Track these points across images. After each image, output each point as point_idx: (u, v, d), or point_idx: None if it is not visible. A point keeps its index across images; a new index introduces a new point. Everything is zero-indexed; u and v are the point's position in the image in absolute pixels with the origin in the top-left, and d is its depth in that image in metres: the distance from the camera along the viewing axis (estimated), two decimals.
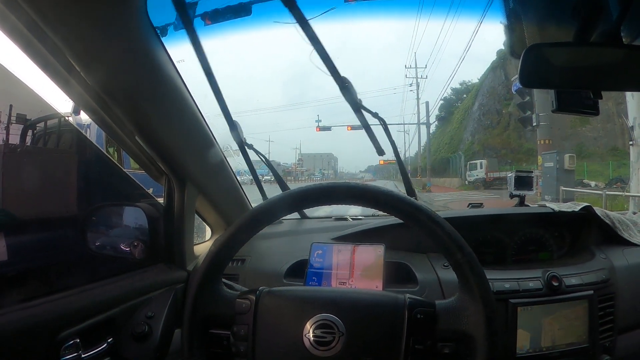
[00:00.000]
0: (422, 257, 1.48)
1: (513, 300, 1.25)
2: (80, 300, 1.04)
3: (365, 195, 0.91)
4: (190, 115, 1.23)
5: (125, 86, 1.01)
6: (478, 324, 0.85)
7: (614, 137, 26.64)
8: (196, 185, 1.38)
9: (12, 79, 1.08)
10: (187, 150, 1.30)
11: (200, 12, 1.41)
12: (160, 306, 1.22)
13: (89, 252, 1.28)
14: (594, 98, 1.06)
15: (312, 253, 1.44)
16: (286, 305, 0.94)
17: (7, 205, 1.28)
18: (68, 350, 0.96)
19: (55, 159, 1.59)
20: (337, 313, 0.89)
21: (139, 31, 0.95)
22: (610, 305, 1.36)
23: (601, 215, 1.62)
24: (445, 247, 0.89)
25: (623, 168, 18.55)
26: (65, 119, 1.49)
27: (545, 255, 1.65)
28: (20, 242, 1.28)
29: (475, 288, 0.86)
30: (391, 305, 0.91)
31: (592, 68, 0.98)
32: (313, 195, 0.94)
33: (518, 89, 14.10)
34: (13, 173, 1.34)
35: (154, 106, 1.10)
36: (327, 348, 0.87)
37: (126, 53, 0.96)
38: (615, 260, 1.48)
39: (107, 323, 1.09)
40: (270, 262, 1.54)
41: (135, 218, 1.36)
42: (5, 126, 1.35)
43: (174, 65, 1.08)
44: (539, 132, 15.25)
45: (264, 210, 0.96)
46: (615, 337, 1.36)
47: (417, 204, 0.90)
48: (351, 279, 1.38)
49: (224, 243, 0.95)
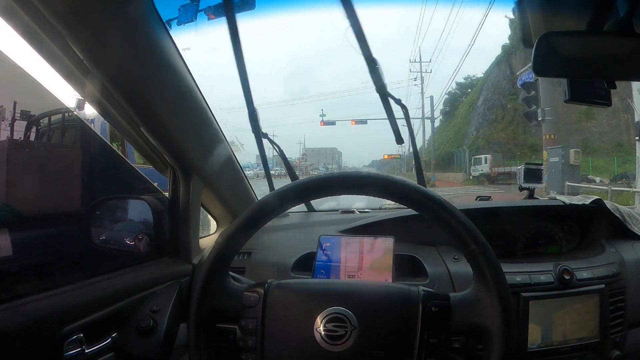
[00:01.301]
0: (432, 249, 1.47)
1: (525, 294, 1.24)
2: (83, 294, 1.03)
3: (377, 184, 0.89)
4: (196, 106, 1.22)
5: (131, 76, 1.00)
6: (494, 317, 0.83)
7: (620, 132, 26.56)
8: (202, 177, 1.37)
9: (16, 74, 1.07)
10: (193, 142, 1.29)
11: (204, 6, 1.40)
12: (165, 300, 1.21)
13: (93, 247, 1.28)
14: (608, 88, 1.04)
15: (320, 246, 1.43)
16: (296, 298, 0.93)
17: (11, 201, 1.27)
18: (71, 345, 0.95)
19: (60, 154, 1.58)
20: (349, 306, 0.87)
21: (146, 21, 0.94)
22: (621, 299, 1.35)
23: (611, 209, 1.60)
24: (460, 238, 0.86)
25: (628, 164, 18.51)
26: (69, 113, 1.48)
27: (554, 249, 1.64)
28: (25, 238, 1.27)
29: (491, 280, 0.84)
30: (405, 297, 0.89)
31: (605, 57, 0.96)
32: (322, 185, 0.92)
33: (523, 83, 14.07)
34: (17, 169, 1.33)
35: (160, 97, 1.09)
36: (339, 342, 0.84)
37: (132, 43, 0.95)
38: (626, 254, 1.47)
39: (112, 317, 1.08)
40: (277, 255, 1.52)
41: (140, 211, 1.35)
42: (10, 123, 1.34)
43: (180, 56, 1.07)
44: (544, 127, 15.21)
45: (272, 202, 0.94)
46: (625, 332, 1.34)
47: (431, 193, 0.88)
48: (360, 271, 1.36)
49: (231, 235, 0.93)
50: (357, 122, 32.07)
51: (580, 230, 1.67)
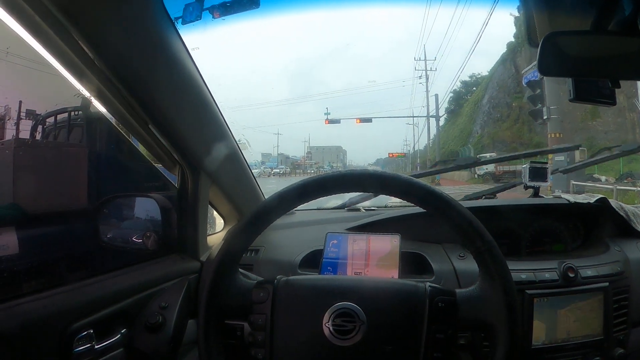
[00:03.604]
0: (438, 247, 1.47)
1: (529, 292, 1.24)
2: (93, 291, 1.04)
3: (384, 183, 0.91)
4: (204, 104, 1.22)
5: (139, 74, 1.01)
6: (499, 313, 0.84)
7: (625, 131, 26.34)
8: (209, 175, 1.38)
9: (21, 73, 1.08)
10: (201, 140, 1.30)
11: (209, 5, 1.41)
12: (173, 297, 1.23)
13: (101, 244, 1.29)
14: (612, 87, 1.05)
15: (327, 243, 1.44)
16: (305, 294, 0.94)
17: (19, 200, 1.28)
18: (81, 342, 0.96)
19: (67, 153, 1.59)
20: (357, 302, 0.89)
21: (154, 19, 0.95)
22: (625, 298, 1.35)
23: (616, 208, 1.60)
24: (466, 235, 0.88)
25: (634, 163, 18.38)
26: (76, 112, 1.49)
27: (559, 247, 1.64)
28: (33, 236, 1.28)
29: (497, 277, 0.85)
30: (412, 293, 0.91)
31: (610, 57, 0.97)
32: (330, 183, 0.94)
33: (529, 82, 13.99)
34: (24, 168, 1.34)
35: (169, 95, 1.10)
36: (348, 337, 0.86)
37: (141, 40, 0.95)
38: (630, 252, 1.47)
39: (121, 314, 1.09)
40: (284, 252, 1.53)
41: (148, 209, 1.36)
42: (15, 122, 1.35)
43: (188, 53, 1.08)
44: (550, 126, 15.12)
45: (280, 200, 0.95)
46: (628, 331, 1.35)
47: (438, 191, 0.89)
48: (367, 268, 1.37)
49: (240, 232, 0.94)
50: (361, 121, 32.03)
51: (585, 228, 1.67)
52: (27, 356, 0.88)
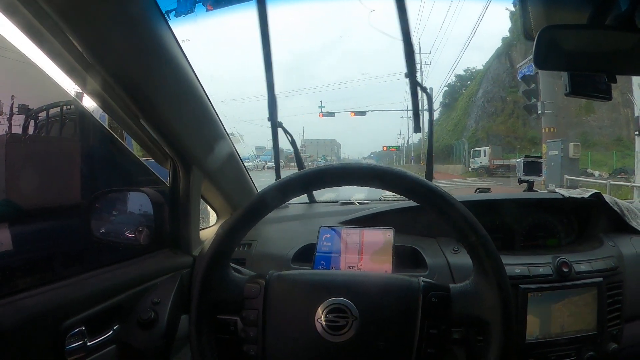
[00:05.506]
0: (432, 241, 1.47)
1: (523, 286, 1.24)
2: (85, 287, 1.03)
3: (378, 176, 0.89)
4: (196, 97, 1.21)
5: (130, 68, 1.00)
6: (494, 309, 0.83)
7: (619, 127, 26.51)
8: (202, 169, 1.37)
9: (13, 66, 1.07)
10: (193, 134, 1.29)
11: None
12: (166, 292, 1.22)
13: (93, 239, 1.28)
14: (608, 82, 1.04)
15: (320, 237, 1.42)
16: (297, 289, 0.93)
17: (11, 195, 1.27)
18: (73, 338, 0.96)
19: (59, 147, 1.57)
20: (350, 297, 0.87)
21: (145, 12, 0.94)
22: (618, 293, 1.35)
23: (610, 203, 1.60)
24: (460, 229, 0.87)
25: (627, 158, 18.52)
26: (68, 106, 1.48)
27: (553, 242, 1.64)
28: (25, 232, 1.27)
29: (491, 271, 0.84)
30: (405, 288, 0.90)
31: (606, 52, 0.97)
32: (325, 176, 0.92)
33: (524, 76, 14.04)
34: (16, 163, 1.33)
35: (160, 88, 1.09)
36: (340, 332, 0.85)
37: (132, 35, 0.94)
38: (624, 248, 1.47)
39: (113, 310, 1.08)
40: (277, 247, 1.52)
41: (140, 203, 1.35)
42: (8, 117, 1.34)
43: (180, 47, 1.07)
44: (544, 120, 15.20)
45: (273, 192, 0.93)
46: (622, 326, 1.35)
47: (431, 185, 0.88)
48: (360, 262, 1.36)
49: (232, 227, 0.93)
50: (356, 114, 32.07)
51: (579, 223, 1.67)
52: (21, 354, 0.87)
